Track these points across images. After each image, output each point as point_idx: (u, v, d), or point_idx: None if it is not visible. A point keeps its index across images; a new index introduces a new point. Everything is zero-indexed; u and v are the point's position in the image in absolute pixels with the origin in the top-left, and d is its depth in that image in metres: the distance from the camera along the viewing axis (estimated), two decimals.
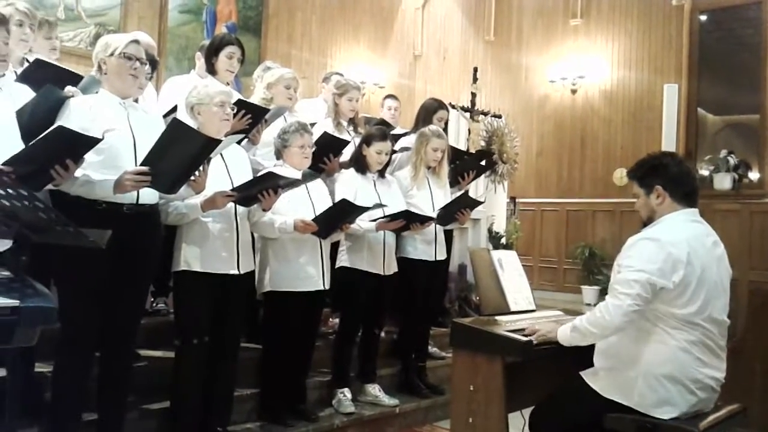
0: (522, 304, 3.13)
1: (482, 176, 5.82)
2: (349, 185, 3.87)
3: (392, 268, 4.04)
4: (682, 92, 7.64)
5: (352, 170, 3.98)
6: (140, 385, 3.15)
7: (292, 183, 3.25)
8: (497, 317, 2.94)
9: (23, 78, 2.97)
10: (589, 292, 7.70)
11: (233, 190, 3.03)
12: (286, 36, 8.44)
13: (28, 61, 3.26)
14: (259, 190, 3.09)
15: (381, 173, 4.05)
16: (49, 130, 2.24)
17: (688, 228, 2.53)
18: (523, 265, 3.38)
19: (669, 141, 7.43)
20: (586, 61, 8.62)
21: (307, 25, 8.75)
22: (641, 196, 2.64)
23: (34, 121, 2.54)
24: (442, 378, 4.39)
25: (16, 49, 3.15)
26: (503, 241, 6.02)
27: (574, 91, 8.72)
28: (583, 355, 2.64)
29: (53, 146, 2.27)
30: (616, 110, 8.39)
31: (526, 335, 2.66)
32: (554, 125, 8.87)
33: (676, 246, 2.44)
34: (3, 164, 2.13)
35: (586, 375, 2.61)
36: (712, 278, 2.49)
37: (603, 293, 7.05)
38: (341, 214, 3.51)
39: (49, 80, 2.79)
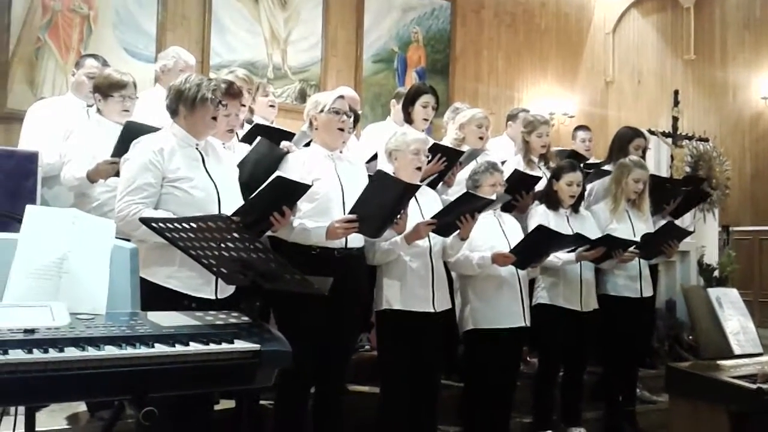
0: (747, 347, 2.86)
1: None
2: (542, 221, 3.80)
3: (591, 304, 3.88)
4: None
5: (543, 206, 3.91)
6: (348, 418, 3.30)
7: (488, 204, 3.26)
8: (719, 361, 2.73)
9: (246, 139, 3.32)
10: None
11: (433, 217, 3.13)
12: (473, 74, 8.57)
13: (248, 122, 3.64)
14: (457, 215, 3.15)
15: (575, 208, 3.95)
16: (269, 180, 2.51)
17: None
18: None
19: None
20: None
21: (494, 62, 8.82)
22: None
23: (256, 175, 2.84)
24: (653, 423, 4.12)
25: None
26: (716, 274, 5.57)
27: None
28: None
29: (273, 194, 2.53)
30: None
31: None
32: None
33: None
34: (232, 215, 2.38)
35: None
36: None
37: None
38: (539, 243, 3.46)
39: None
